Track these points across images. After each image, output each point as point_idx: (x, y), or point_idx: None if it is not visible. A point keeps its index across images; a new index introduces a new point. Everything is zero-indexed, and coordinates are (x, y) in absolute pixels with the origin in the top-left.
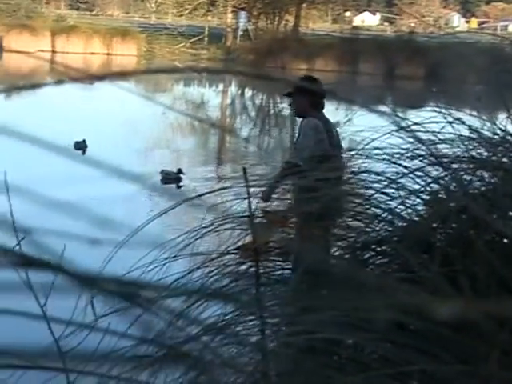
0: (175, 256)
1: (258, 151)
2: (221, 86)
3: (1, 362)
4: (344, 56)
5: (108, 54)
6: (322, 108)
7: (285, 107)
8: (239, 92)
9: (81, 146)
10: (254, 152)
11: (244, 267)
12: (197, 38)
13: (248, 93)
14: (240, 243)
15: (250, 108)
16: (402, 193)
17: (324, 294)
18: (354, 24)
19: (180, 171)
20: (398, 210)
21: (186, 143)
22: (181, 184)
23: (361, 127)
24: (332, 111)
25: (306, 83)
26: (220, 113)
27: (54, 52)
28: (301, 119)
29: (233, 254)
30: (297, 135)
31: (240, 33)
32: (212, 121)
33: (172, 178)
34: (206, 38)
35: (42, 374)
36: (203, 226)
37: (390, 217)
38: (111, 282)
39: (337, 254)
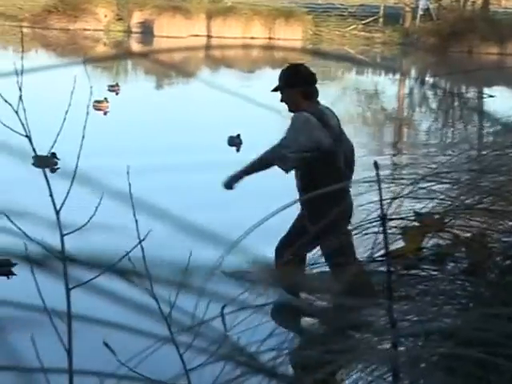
0: (313, 264)
1: (438, 146)
2: (397, 74)
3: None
4: None
5: (269, 39)
6: (317, 96)
7: (471, 97)
8: (418, 80)
9: (235, 141)
10: (434, 150)
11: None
12: (370, 19)
13: (429, 81)
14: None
15: (431, 99)
16: None
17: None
18: None
19: None
20: None
21: (357, 135)
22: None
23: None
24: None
25: (290, 74)
26: (397, 104)
27: (209, 37)
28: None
29: (380, 261)
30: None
31: (420, 12)
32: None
33: None
34: (380, 19)
35: None
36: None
37: None
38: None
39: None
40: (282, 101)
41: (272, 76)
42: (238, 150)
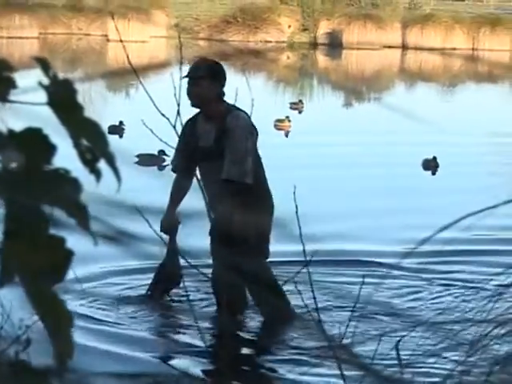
0: None
1: None
2: None
3: None
4: None
5: (472, 50)
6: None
7: None
8: None
9: (430, 164)
10: None
11: None
12: None
13: None
14: None
15: None
16: None
17: None
18: None
19: None
20: None
21: None
22: None
23: None
24: None
25: (214, 68)
26: None
27: (404, 48)
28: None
29: None
30: (212, 137)
31: None
32: None
33: None
34: None
35: None
36: None
37: None
38: None
39: None
40: (189, 93)
41: (475, 91)
42: (433, 174)
